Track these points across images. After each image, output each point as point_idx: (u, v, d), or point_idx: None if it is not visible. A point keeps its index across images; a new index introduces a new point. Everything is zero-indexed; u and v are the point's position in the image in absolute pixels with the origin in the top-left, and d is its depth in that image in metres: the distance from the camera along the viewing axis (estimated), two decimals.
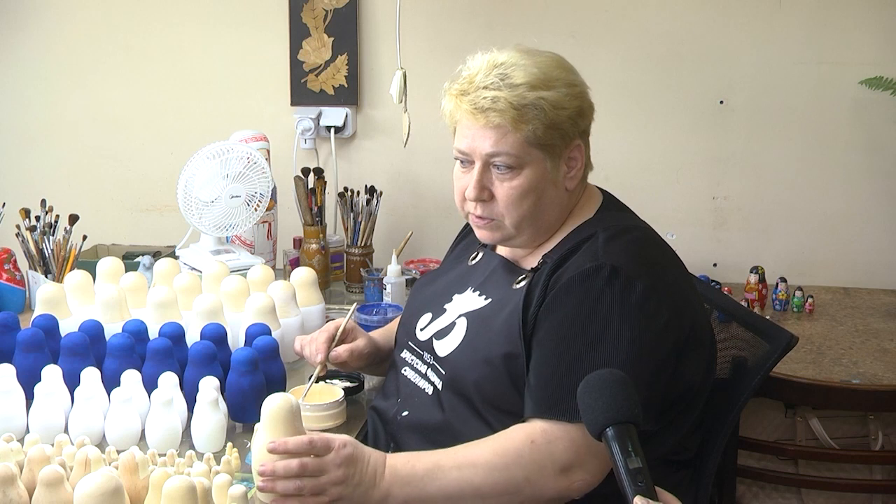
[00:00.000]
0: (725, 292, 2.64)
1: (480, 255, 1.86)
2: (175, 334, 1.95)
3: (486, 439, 1.57)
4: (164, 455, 1.63)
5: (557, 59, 1.71)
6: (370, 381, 2.07)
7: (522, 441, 1.54)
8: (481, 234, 1.75)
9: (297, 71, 3.00)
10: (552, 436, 1.53)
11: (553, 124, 1.64)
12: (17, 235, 2.50)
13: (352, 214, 2.78)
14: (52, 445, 1.58)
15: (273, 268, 2.68)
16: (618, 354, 1.54)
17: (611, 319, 1.56)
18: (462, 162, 1.72)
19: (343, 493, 1.50)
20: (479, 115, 1.64)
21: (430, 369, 1.76)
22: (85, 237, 2.58)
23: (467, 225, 1.95)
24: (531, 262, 1.73)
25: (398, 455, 1.58)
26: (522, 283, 1.69)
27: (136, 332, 1.94)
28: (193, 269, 2.44)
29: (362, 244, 2.78)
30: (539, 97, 1.63)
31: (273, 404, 1.53)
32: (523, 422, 1.58)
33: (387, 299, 2.55)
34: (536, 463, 1.52)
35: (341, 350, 1.90)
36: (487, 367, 1.65)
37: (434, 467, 1.53)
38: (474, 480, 1.52)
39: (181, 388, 1.83)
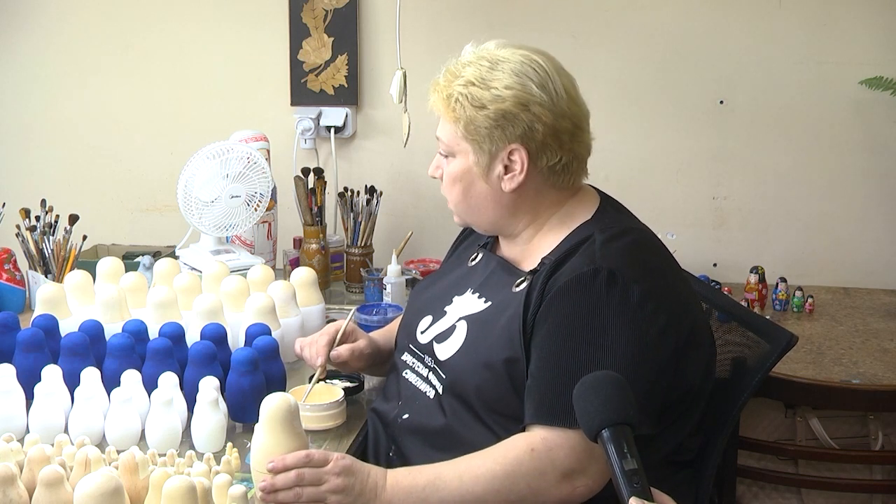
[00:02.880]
0: (725, 292, 2.64)
1: (480, 256, 1.86)
2: (175, 334, 1.94)
3: (487, 449, 1.57)
4: (164, 455, 1.63)
5: (528, 63, 1.67)
6: (370, 382, 2.07)
7: (523, 449, 1.54)
8: (455, 218, 1.84)
9: (297, 71, 3.00)
10: (552, 443, 1.53)
11: (471, 121, 1.68)
12: (17, 235, 2.50)
13: (352, 214, 2.78)
14: (52, 445, 1.58)
15: (273, 268, 2.68)
16: (617, 359, 1.53)
17: (609, 324, 1.56)
18: None
19: (344, 501, 1.51)
20: (430, 99, 1.76)
21: (431, 373, 1.76)
22: (85, 237, 2.58)
23: (466, 227, 1.96)
24: (530, 263, 1.73)
25: (399, 469, 1.59)
26: (522, 287, 1.69)
27: (136, 332, 1.94)
28: (193, 269, 2.44)
29: (362, 244, 2.78)
30: (463, 93, 1.68)
31: (271, 404, 1.53)
32: (523, 429, 1.58)
33: (387, 299, 2.55)
34: (537, 470, 1.52)
35: (342, 349, 1.90)
36: (488, 371, 1.64)
37: (436, 479, 1.54)
38: (476, 490, 1.53)
39: (181, 388, 1.83)
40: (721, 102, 2.89)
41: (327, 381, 1.97)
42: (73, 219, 2.54)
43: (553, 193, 1.74)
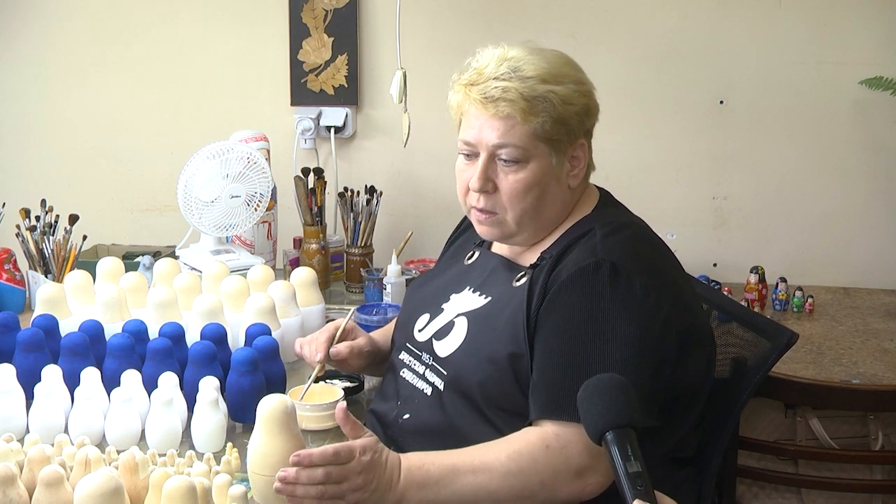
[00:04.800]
0: (725, 292, 2.65)
1: (477, 254, 1.85)
2: (175, 334, 1.94)
3: (499, 442, 1.56)
4: (164, 455, 1.63)
5: (565, 57, 1.72)
6: (370, 382, 2.07)
7: (537, 445, 1.53)
8: (482, 230, 1.76)
9: (297, 71, 3.00)
10: (566, 440, 1.52)
11: (561, 119, 1.65)
12: (17, 235, 2.50)
13: (352, 214, 2.78)
14: (52, 445, 1.58)
15: (273, 268, 2.68)
16: (622, 351, 1.54)
17: (613, 316, 1.56)
18: (467, 154, 1.72)
19: (361, 498, 1.49)
20: (490, 105, 1.64)
21: (428, 370, 1.75)
22: (85, 237, 2.58)
23: (461, 224, 1.95)
24: (530, 258, 1.73)
25: (412, 457, 1.56)
26: (523, 281, 1.69)
27: (136, 332, 1.94)
28: (193, 269, 2.44)
29: (362, 244, 2.78)
30: (549, 90, 1.63)
31: (268, 406, 1.53)
32: (531, 423, 1.57)
33: (387, 299, 2.55)
34: (552, 467, 1.52)
35: (342, 346, 1.89)
36: (492, 366, 1.64)
37: (450, 471, 1.53)
38: (490, 486, 1.52)
39: (181, 388, 1.83)
40: (721, 102, 2.89)
41: (327, 380, 1.97)
42: (73, 219, 2.54)
43: (581, 189, 1.76)
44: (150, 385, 1.81)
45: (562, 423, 1.53)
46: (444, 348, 1.74)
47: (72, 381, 1.81)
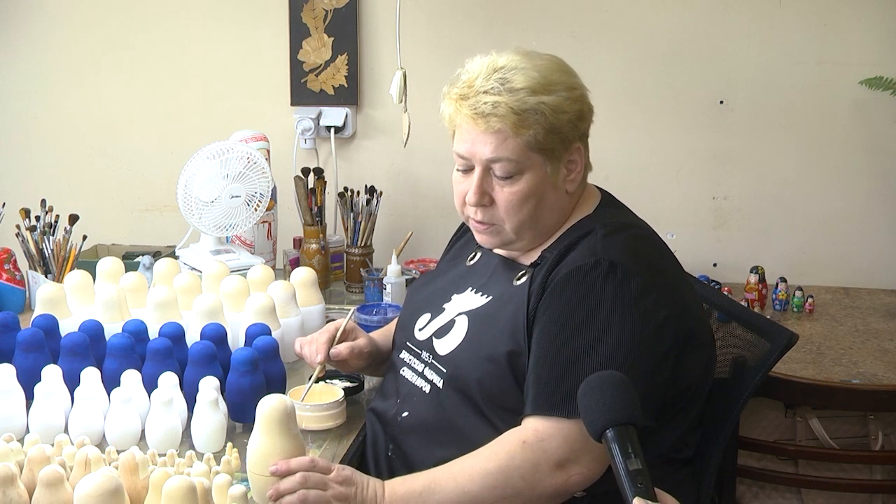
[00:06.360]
0: (725, 292, 2.65)
1: (478, 255, 1.86)
2: (175, 334, 1.94)
3: (480, 448, 1.58)
4: (164, 455, 1.63)
5: (557, 62, 1.71)
6: (370, 382, 2.07)
7: (514, 443, 1.55)
8: (482, 239, 1.76)
9: (297, 71, 3.00)
10: (544, 434, 1.54)
11: (553, 129, 1.64)
12: (17, 235, 2.50)
13: (352, 214, 2.78)
14: (52, 445, 1.58)
15: (273, 268, 2.68)
16: (613, 350, 1.54)
17: (608, 314, 1.56)
18: (463, 168, 1.72)
19: None
20: (480, 121, 1.64)
21: (427, 367, 1.76)
22: (85, 237, 2.58)
23: (462, 225, 1.95)
24: (531, 257, 1.74)
25: (395, 478, 1.60)
26: (523, 280, 1.69)
27: (136, 332, 1.94)
28: (193, 269, 2.44)
29: (362, 244, 2.78)
30: (540, 102, 1.62)
31: (267, 406, 1.53)
32: (520, 423, 1.58)
33: (387, 299, 2.55)
34: (530, 462, 1.53)
35: (342, 347, 1.89)
36: (491, 364, 1.65)
37: (431, 483, 1.55)
38: (471, 489, 1.53)
39: (181, 388, 1.83)
40: (721, 102, 2.89)
41: (327, 381, 1.97)
42: (73, 219, 2.54)
43: (579, 191, 1.76)
44: (150, 385, 1.81)
45: (544, 419, 1.54)
46: (444, 346, 1.74)
47: (72, 381, 1.81)
